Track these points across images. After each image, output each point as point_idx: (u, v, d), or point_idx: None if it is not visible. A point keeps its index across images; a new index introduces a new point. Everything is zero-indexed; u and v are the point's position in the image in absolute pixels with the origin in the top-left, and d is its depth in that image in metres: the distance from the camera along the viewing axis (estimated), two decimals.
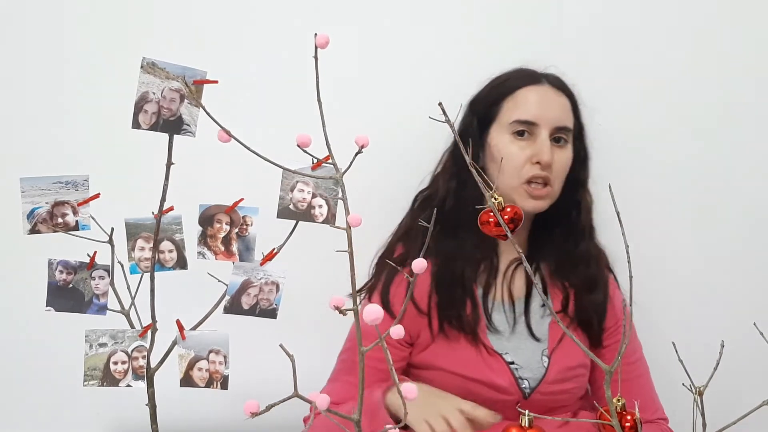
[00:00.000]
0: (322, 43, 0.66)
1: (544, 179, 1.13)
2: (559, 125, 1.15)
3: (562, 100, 1.17)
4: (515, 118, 1.14)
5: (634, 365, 1.23)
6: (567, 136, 1.17)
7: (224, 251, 0.83)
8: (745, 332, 0.87)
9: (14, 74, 1.36)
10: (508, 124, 1.15)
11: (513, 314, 1.18)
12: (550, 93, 1.16)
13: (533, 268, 1.21)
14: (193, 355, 0.83)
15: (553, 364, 1.16)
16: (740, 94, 1.46)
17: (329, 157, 0.69)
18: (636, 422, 0.68)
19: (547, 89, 1.17)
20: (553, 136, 1.15)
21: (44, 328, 1.29)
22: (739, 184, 1.47)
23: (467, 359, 1.14)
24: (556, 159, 1.14)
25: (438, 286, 1.15)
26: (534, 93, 1.16)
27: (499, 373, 1.14)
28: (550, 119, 1.14)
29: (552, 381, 1.16)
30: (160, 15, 1.37)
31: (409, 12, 1.41)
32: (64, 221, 0.81)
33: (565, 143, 1.17)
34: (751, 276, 1.48)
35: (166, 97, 0.76)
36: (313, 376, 0.92)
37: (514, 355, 1.16)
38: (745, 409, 0.68)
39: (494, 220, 0.72)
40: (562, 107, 1.17)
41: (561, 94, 1.17)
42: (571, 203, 1.20)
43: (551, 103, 1.16)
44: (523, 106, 1.15)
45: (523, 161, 1.13)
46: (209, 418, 1.36)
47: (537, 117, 1.14)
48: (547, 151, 1.12)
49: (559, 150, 1.15)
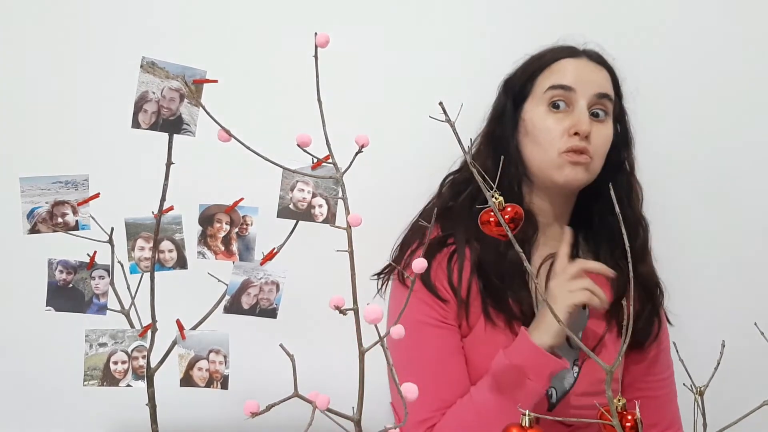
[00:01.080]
0: (322, 42, 0.66)
1: (583, 150, 1.06)
2: (599, 92, 1.09)
3: (602, 72, 1.12)
4: (550, 83, 1.09)
5: (663, 381, 1.18)
6: (607, 108, 1.10)
7: (224, 251, 0.83)
8: (746, 332, 0.87)
9: (14, 74, 1.36)
10: (542, 94, 1.10)
11: None
12: (589, 64, 1.12)
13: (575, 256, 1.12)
14: (193, 355, 0.83)
15: (584, 375, 1.09)
16: (740, 94, 1.46)
17: (329, 156, 0.69)
18: (636, 422, 0.68)
19: (586, 62, 1.12)
20: (592, 109, 1.08)
21: (44, 327, 1.29)
22: (740, 183, 1.47)
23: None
24: (595, 133, 1.07)
25: (481, 270, 1.08)
26: (571, 63, 1.11)
27: None
28: (588, 86, 1.08)
29: (581, 393, 1.08)
30: (160, 14, 1.37)
31: (410, 12, 1.41)
32: (63, 221, 0.81)
33: (605, 116, 1.10)
34: (752, 276, 1.48)
35: (166, 96, 0.76)
36: (313, 375, 0.92)
37: None
38: (745, 409, 0.68)
39: (494, 220, 0.72)
40: (603, 77, 1.11)
41: (601, 68, 1.12)
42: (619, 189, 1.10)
43: (590, 73, 1.10)
44: (558, 73, 1.10)
45: (561, 133, 1.06)
46: (209, 418, 1.36)
47: (574, 82, 1.08)
48: (585, 120, 1.06)
49: (598, 124, 1.08)
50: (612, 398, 0.66)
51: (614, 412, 0.66)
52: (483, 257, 1.09)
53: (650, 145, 1.43)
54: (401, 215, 1.25)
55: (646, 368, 1.16)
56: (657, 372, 1.18)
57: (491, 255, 1.08)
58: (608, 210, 1.08)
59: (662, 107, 1.45)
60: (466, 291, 1.08)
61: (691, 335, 1.19)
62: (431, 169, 1.25)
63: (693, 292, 1.45)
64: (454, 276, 1.09)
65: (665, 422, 1.18)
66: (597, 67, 1.12)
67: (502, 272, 1.08)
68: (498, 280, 1.08)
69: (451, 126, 0.75)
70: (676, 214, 1.46)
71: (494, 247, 1.08)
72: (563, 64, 1.11)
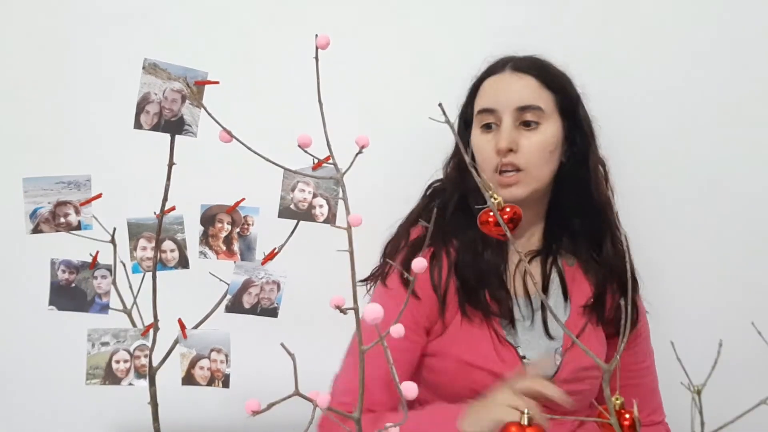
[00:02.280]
0: (322, 44, 0.66)
1: (512, 166, 1.10)
2: (521, 105, 1.10)
3: (524, 81, 1.12)
4: (478, 107, 1.14)
5: (645, 369, 1.23)
6: (537, 116, 1.11)
7: (226, 251, 0.83)
8: (744, 331, 0.87)
9: (17, 75, 1.36)
10: (475, 117, 1.14)
11: (529, 309, 1.16)
12: (509, 77, 1.13)
13: (550, 262, 1.18)
14: (195, 354, 0.84)
15: (567, 363, 1.14)
16: (739, 94, 1.46)
17: (330, 157, 0.69)
18: (634, 421, 0.68)
19: (508, 75, 1.13)
20: (521, 120, 1.10)
21: (47, 327, 1.29)
22: (739, 183, 1.48)
23: (478, 346, 1.12)
24: (525, 143, 1.10)
25: (459, 267, 1.13)
26: (493, 81, 1.14)
27: (509, 364, 1.11)
28: (508, 101, 1.10)
29: (563, 380, 1.12)
30: (162, 16, 1.38)
31: (410, 12, 1.41)
32: (66, 221, 0.82)
33: (537, 125, 1.11)
34: (749, 275, 1.48)
35: (168, 97, 0.77)
36: (314, 374, 0.93)
37: (526, 349, 1.14)
38: (743, 408, 0.68)
39: (494, 220, 0.73)
40: (524, 87, 1.11)
41: (523, 75, 1.12)
42: (579, 181, 1.15)
43: (510, 86, 1.12)
44: (482, 96, 1.14)
45: (490, 152, 1.11)
46: (211, 417, 1.37)
47: (494, 102, 1.11)
48: (504, 137, 1.08)
49: (528, 133, 1.10)
50: (610, 397, 0.66)
51: (612, 410, 0.66)
52: (461, 257, 1.14)
53: (646, 144, 1.44)
54: (401, 215, 1.26)
55: (627, 357, 1.20)
56: (639, 360, 1.23)
57: (469, 255, 1.14)
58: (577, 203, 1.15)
59: (659, 106, 1.45)
60: (443, 289, 1.13)
61: (689, 334, 1.19)
62: (431, 169, 1.26)
63: (690, 291, 1.45)
64: (434, 275, 1.13)
65: (648, 409, 1.23)
66: (519, 77, 1.12)
67: (480, 272, 1.13)
68: (475, 280, 1.13)
69: (450, 127, 0.75)
70: (672, 213, 1.46)
71: (472, 248, 1.14)
72: (486, 86, 1.15)
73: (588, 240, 1.18)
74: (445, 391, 1.14)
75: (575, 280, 1.19)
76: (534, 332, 1.16)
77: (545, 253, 1.19)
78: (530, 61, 1.15)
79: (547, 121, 1.11)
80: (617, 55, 1.43)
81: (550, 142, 1.12)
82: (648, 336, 1.25)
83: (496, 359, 1.12)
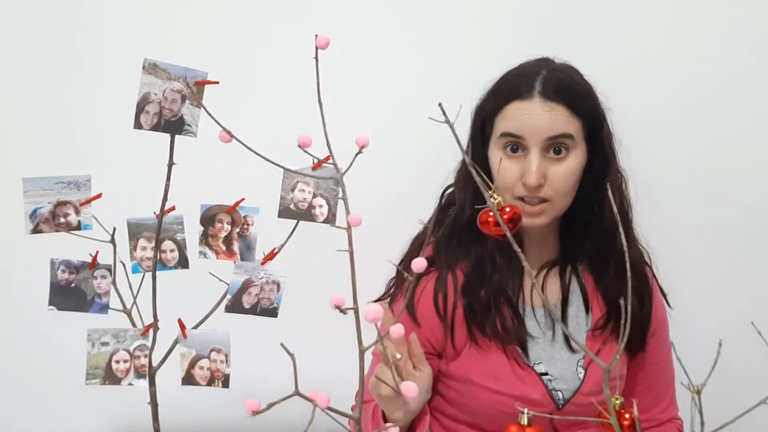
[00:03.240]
0: (322, 44, 0.66)
1: (538, 199, 1.06)
2: (552, 135, 1.04)
3: (555, 112, 1.05)
4: (502, 130, 1.07)
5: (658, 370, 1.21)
6: (566, 144, 1.06)
7: (225, 251, 0.83)
8: (744, 331, 0.87)
9: (16, 75, 1.37)
10: (497, 138, 1.08)
11: (549, 321, 1.13)
12: (539, 108, 1.05)
13: (569, 272, 1.15)
14: (195, 354, 0.84)
15: (590, 376, 1.12)
16: (739, 94, 1.46)
17: (330, 157, 0.69)
18: (634, 420, 0.68)
19: (538, 104, 1.05)
20: (552, 148, 1.06)
21: (46, 327, 1.29)
22: (739, 183, 1.48)
23: (497, 373, 1.10)
24: (553, 174, 1.05)
25: (465, 295, 1.11)
26: (521, 108, 1.06)
27: (531, 386, 1.10)
28: (538, 131, 1.04)
29: (587, 393, 1.11)
30: (162, 16, 1.38)
31: (410, 12, 1.41)
32: (66, 221, 0.82)
33: (566, 152, 1.06)
34: (749, 275, 1.48)
35: (168, 97, 0.77)
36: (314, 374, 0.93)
37: (548, 365, 1.12)
38: (743, 408, 0.68)
39: (494, 220, 0.73)
40: (555, 116, 1.05)
41: (554, 106, 1.05)
42: (595, 202, 1.11)
43: (540, 117, 1.05)
44: (508, 119, 1.07)
45: (514, 180, 1.06)
46: (210, 417, 1.37)
47: (523, 130, 1.05)
48: (533, 171, 1.04)
49: (557, 162, 1.06)
50: (609, 396, 0.66)
51: (612, 410, 0.66)
52: (468, 282, 1.11)
53: (647, 144, 1.43)
54: (401, 215, 1.25)
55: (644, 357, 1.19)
56: (656, 361, 1.20)
57: (477, 279, 1.11)
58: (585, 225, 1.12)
59: (660, 106, 1.45)
60: (450, 316, 1.11)
61: (689, 334, 1.19)
62: (431, 169, 1.26)
63: (690, 291, 1.45)
64: (439, 301, 1.11)
65: (662, 405, 1.22)
66: (550, 107, 1.05)
67: (488, 299, 1.10)
68: (484, 307, 1.10)
69: (451, 127, 0.75)
70: (673, 213, 1.46)
71: (480, 270, 1.11)
72: (513, 109, 1.07)
73: (595, 260, 1.15)
74: (473, 413, 1.13)
75: (596, 291, 1.16)
76: (556, 345, 1.13)
77: (563, 262, 1.16)
78: (559, 83, 1.07)
79: (575, 148, 1.07)
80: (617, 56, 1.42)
81: (576, 171, 1.07)
82: (664, 334, 1.22)
83: (517, 382, 1.10)
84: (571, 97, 1.06)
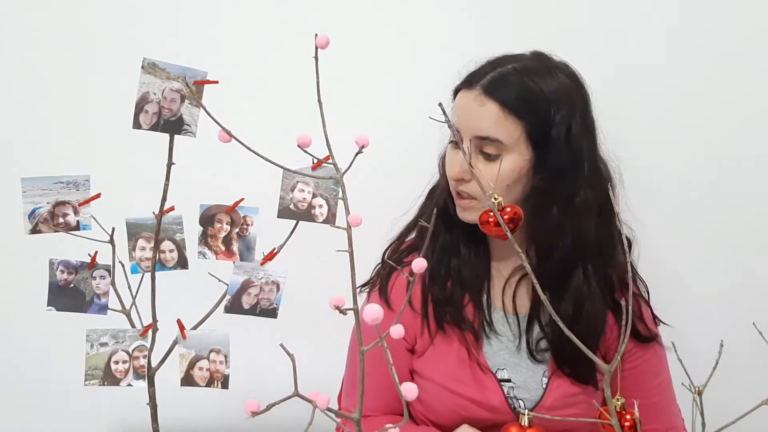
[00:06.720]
0: (322, 43, 0.66)
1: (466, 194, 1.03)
2: (478, 135, 1.00)
3: (485, 109, 0.99)
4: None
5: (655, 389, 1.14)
6: (497, 149, 1.00)
7: (225, 251, 0.83)
8: (745, 332, 0.87)
9: (15, 75, 1.36)
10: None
11: (518, 329, 1.11)
12: (473, 101, 1.01)
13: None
14: (194, 355, 0.84)
15: (553, 389, 1.08)
16: (738, 94, 1.46)
17: (329, 157, 0.69)
18: (635, 422, 0.68)
19: (473, 96, 1.01)
20: (480, 149, 1.01)
21: (45, 327, 1.29)
22: (739, 183, 1.47)
23: (458, 374, 1.09)
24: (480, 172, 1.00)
25: (432, 282, 1.10)
26: (462, 99, 1.03)
27: (491, 391, 1.08)
28: (469, 126, 1.01)
29: (550, 407, 1.07)
30: (162, 15, 1.37)
31: (410, 12, 1.41)
32: (65, 221, 0.81)
33: (495, 156, 1.00)
34: (750, 276, 1.48)
35: (167, 97, 0.77)
36: (314, 375, 0.93)
37: (512, 371, 1.10)
38: (744, 409, 0.68)
39: (494, 220, 0.73)
40: (484, 116, 0.99)
41: (487, 101, 0.99)
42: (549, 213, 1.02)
43: (471, 111, 1.01)
44: (455, 107, 1.05)
45: (450, 171, 1.05)
46: (210, 418, 1.36)
47: (458, 123, 1.02)
48: (453, 164, 1.03)
49: (486, 162, 1.01)
50: (610, 398, 0.66)
51: (613, 411, 0.66)
52: (436, 261, 1.11)
53: (646, 145, 1.43)
54: (401, 215, 1.25)
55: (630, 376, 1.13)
56: (647, 379, 1.14)
57: (446, 257, 1.11)
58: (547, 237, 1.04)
59: (660, 106, 1.45)
60: (420, 305, 1.11)
61: (690, 335, 1.19)
62: (431, 169, 1.25)
63: (691, 293, 1.45)
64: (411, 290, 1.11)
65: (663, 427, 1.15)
66: (481, 103, 1.00)
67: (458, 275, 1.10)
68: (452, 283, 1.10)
69: (450, 127, 0.75)
70: (672, 213, 1.46)
71: (450, 251, 1.11)
72: (458, 98, 1.04)
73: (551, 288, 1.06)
74: (434, 412, 1.12)
75: None
76: (521, 354, 1.11)
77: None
78: (501, 80, 1.00)
79: (509, 152, 1.00)
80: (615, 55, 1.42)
81: (507, 175, 1.00)
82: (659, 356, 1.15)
83: (475, 385, 1.08)
84: (509, 95, 0.99)
